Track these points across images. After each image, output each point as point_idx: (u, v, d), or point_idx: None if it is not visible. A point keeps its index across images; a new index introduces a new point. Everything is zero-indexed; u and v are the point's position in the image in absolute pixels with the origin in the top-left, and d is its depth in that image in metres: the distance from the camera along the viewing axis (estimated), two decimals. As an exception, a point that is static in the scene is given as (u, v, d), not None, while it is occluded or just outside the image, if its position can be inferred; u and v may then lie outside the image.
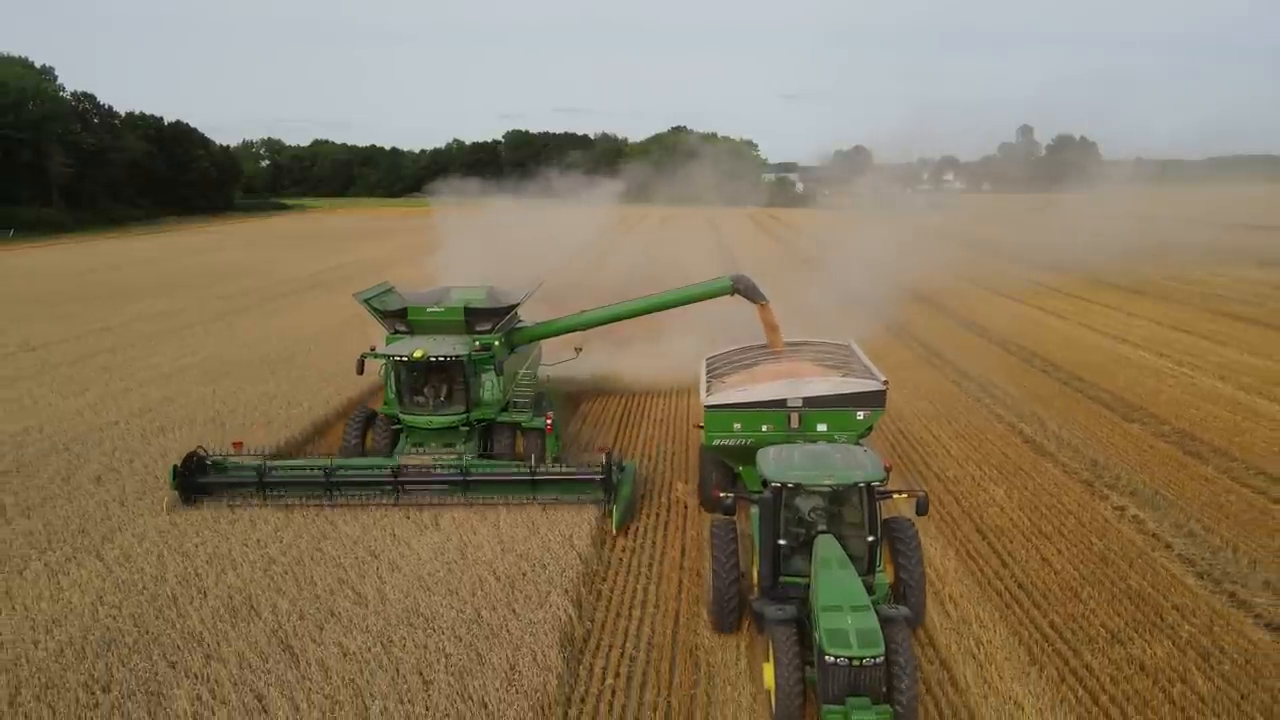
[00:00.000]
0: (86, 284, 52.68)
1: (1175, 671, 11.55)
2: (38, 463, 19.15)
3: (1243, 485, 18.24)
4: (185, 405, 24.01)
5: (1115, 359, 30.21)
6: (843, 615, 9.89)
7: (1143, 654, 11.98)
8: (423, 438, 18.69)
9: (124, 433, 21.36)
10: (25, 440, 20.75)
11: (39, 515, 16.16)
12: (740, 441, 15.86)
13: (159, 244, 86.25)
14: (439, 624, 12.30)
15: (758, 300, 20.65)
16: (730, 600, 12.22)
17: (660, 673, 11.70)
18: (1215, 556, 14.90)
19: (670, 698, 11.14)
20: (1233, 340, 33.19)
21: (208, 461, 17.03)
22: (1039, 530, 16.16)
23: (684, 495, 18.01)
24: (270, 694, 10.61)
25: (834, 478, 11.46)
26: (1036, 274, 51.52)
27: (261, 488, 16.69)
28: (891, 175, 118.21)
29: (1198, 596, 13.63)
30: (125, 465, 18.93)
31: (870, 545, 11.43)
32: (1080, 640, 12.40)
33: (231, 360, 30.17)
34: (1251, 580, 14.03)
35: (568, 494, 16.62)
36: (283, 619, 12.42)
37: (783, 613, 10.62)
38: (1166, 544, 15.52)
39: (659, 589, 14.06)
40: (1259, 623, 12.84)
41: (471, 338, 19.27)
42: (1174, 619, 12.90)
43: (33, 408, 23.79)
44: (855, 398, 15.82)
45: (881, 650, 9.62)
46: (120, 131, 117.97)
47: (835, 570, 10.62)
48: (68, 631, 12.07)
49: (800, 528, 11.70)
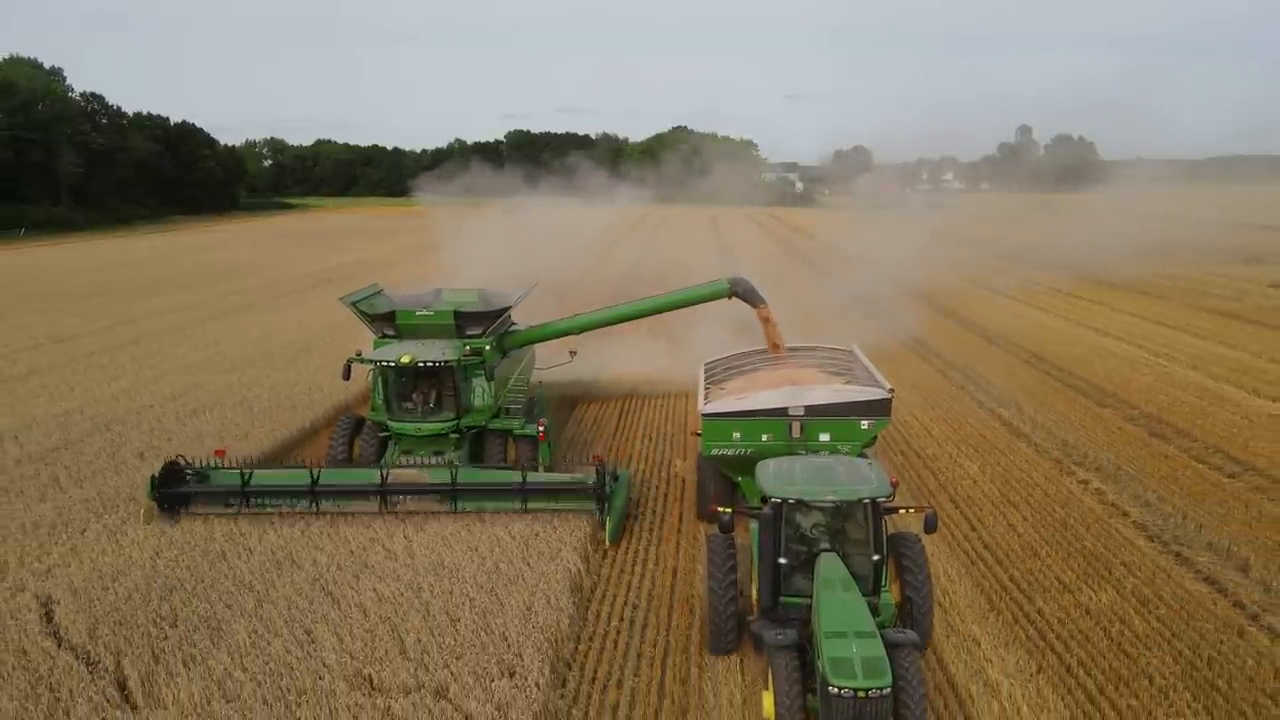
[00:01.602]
0: (102, 281, 54.14)
1: (1116, 614, 13.03)
2: (83, 441, 20.65)
3: (1200, 462, 19.69)
4: (213, 391, 25.49)
5: (1097, 351, 31.62)
6: (847, 643, 9.32)
7: (1089, 601, 13.46)
8: (411, 445, 18.05)
9: (159, 415, 22.86)
10: (69, 421, 22.25)
11: (91, 485, 17.65)
12: (739, 451, 15.35)
13: (168, 242, 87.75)
14: (462, 574, 13.79)
15: (756, 303, 20.17)
16: (727, 621, 11.62)
17: (659, 618, 13.16)
18: (1166, 522, 16.36)
19: (669, 636, 12.59)
20: (1210, 333, 34.61)
21: (188, 472, 16.45)
22: (1007, 500, 17.64)
23: (683, 471, 19.42)
24: (317, 629, 12.10)
25: (837, 493, 10.85)
26: (1032, 273, 52.48)
27: (244, 498, 16.10)
28: (891, 175, 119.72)
29: (1145, 555, 15.10)
30: (164, 443, 20.41)
31: (875, 564, 10.89)
32: (1035, 590, 13.88)
33: (251, 351, 31.66)
34: (1196, 542, 15.49)
35: (560, 504, 16.16)
36: (322, 570, 13.91)
37: (783, 638, 10.00)
38: (1124, 512, 16.98)
39: (659, 555, 15.52)
40: (1198, 577, 14.30)
41: (461, 342, 18.65)
42: (1121, 573, 14.38)
43: (70, 393, 25.27)
44: (859, 406, 15.30)
45: (889, 681, 9.01)
46: (128, 131, 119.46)
47: (839, 592, 10.07)
48: (133, 579, 13.58)
49: (801, 545, 11.15)
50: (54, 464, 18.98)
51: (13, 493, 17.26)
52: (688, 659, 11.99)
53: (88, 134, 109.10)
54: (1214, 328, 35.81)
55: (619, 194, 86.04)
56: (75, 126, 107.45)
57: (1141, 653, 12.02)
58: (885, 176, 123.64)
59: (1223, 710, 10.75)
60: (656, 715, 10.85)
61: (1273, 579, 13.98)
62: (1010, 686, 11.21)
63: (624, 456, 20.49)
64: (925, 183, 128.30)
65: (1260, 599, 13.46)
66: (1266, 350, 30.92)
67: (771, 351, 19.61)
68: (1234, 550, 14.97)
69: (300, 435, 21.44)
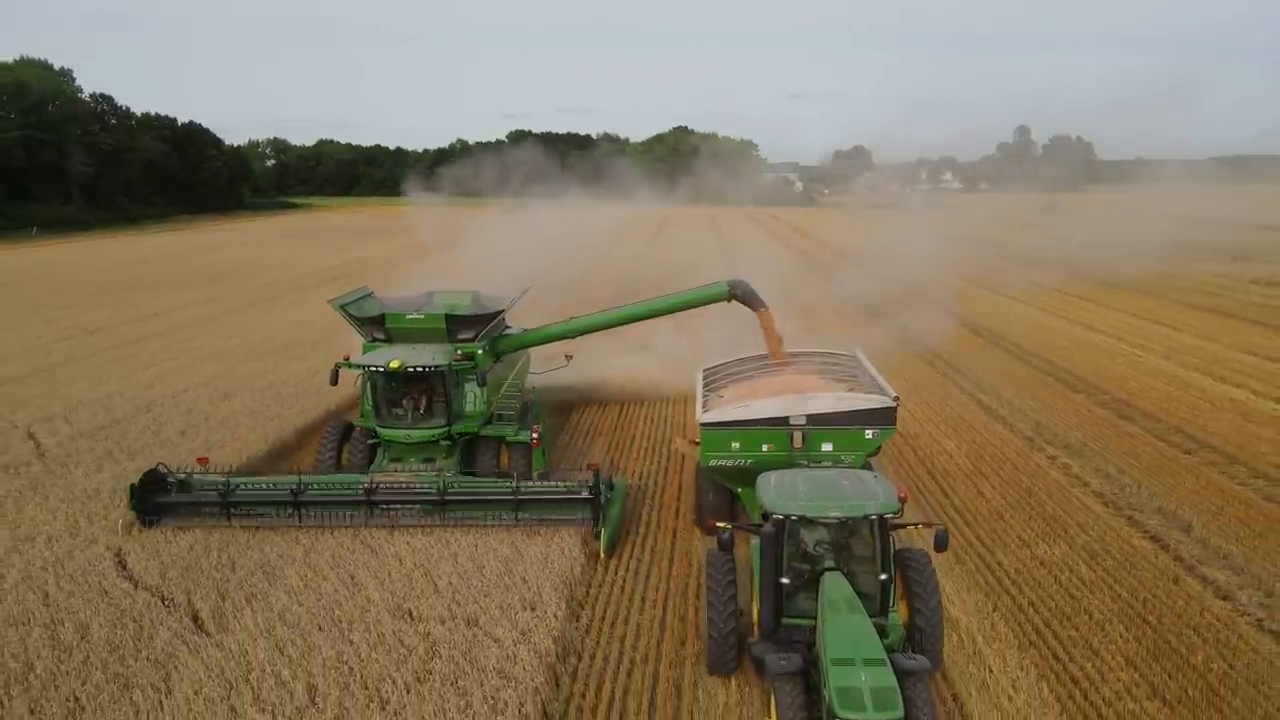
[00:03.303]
0: (118, 278, 55.77)
1: (1066, 564, 14.67)
2: (128, 420, 22.31)
3: (1161, 440, 21.30)
4: (241, 377, 27.14)
5: (1078, 343, 33.21)
6: (856, 671, 8.86)
7: (1044, 554, 15.10)
8: (401, 453, 17.61)
9: (194, 398, 24.52)
10: (111, 404, 23.91)
11: (142, 458, 19.27)
12: (739, 462, 14.84)
13: (177, 241, 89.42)
14: (486, 530, 15.42)
15: (756, 307, 19.36)
16: (728, 642, 11.16)
17: (662, 570, 14.79)
18: (1122, 491, 17.98)
19: (670, 582, 14.21)
20: (1188, 327, 36.21)
21: (170, 480, 16.05)
22: (979, 471, 19.27)
23: (682, 447, 20.98)
24: (360, 574, 13.76)
25: (843, 509, 10.35)
26: (1029, 272, 53.60)
27: (225, 507, 15.71)
28: (890, 175, 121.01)
29: (1099, 517, 16.73)
30: (202, 422, 22.08)
31: (883, 584, 10.40)
32: (997, 545, 15.52)
33: (272, 342, 33.31)
34: (1147, 507, 17.09)
35: (553, 514, 15.71)
36: (359, 529, 15.53)
37: (787, 663, 9.57)
38: (1085, 483, 18.60)
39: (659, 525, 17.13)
40: (1144, 535, 15.93)
41: (453, 346, 18.16)
42: (1075, 531, 16.02)
43: (107, 379, 26.92)
44: (863, 415, 14.72)
45: (900, 713, 8.56)
46: (136, 132, 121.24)
47: (845, 615, 9.59)
48: (192, 535, 15.25)
49: (805, 564, 10.69)
50: (105, 440, 20.63)
51: (71, 464, 18.91)
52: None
53: (97, 134, 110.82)
54: (1193, 321, 37.40)
55: (620, 194, 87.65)
56: (85, 127, 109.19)
57: (1085, 594, 13.66)
58: (884, 176, 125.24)
59: (1150, 640, 12.37)
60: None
61: (1211, 537, 15.58)
62: (968, 622, 12.83)
63: (620, 464, 20.00)
64: (924, 182, 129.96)
65: (1198, 553, 15.06)
66: (1238, 342, 32.55)
67: (772, 357, 18.84)
68: (1180, 514, 16.57)
69: (328, 416, 23.03)
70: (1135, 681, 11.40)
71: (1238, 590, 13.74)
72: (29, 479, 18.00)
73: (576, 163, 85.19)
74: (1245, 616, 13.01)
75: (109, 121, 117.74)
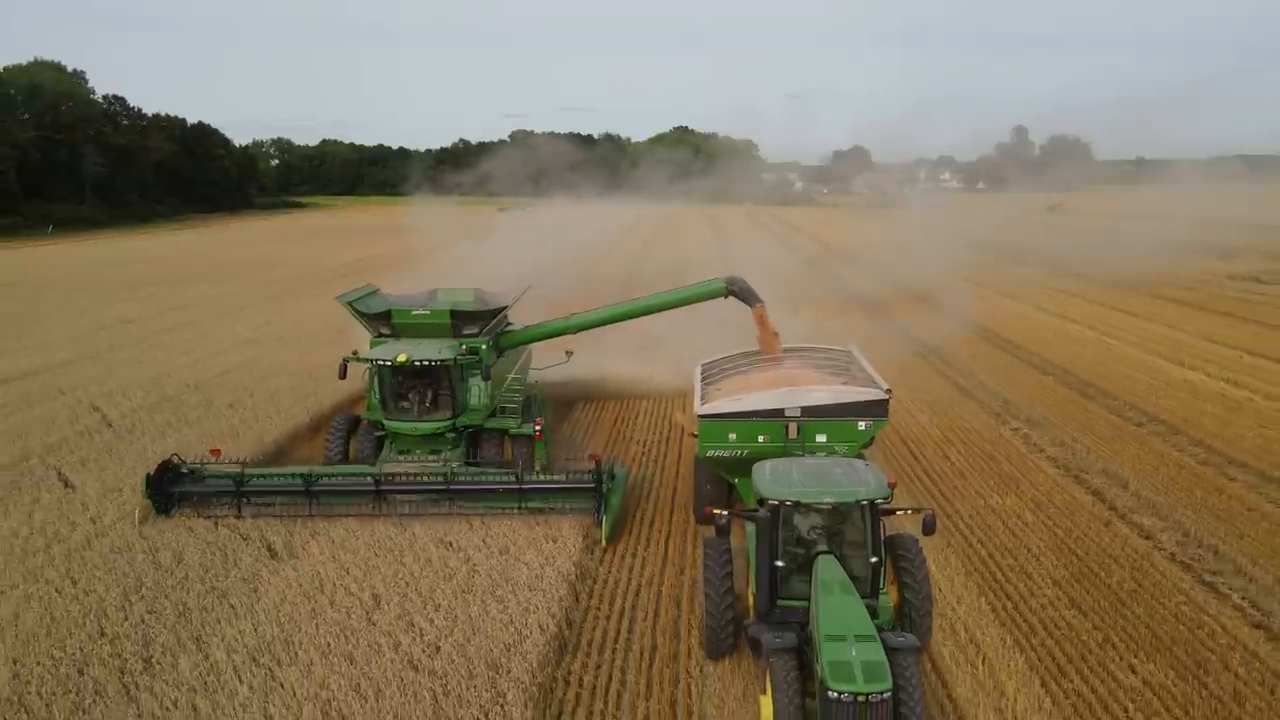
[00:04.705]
0: (140, 273, 58.12)
1: (1014, 512, 16.94)
2: (179, 397, 24.66)
3: (1116, 415, 23.53)
4: (276, 361, 29.44)
5: (1055, 332, 35.40)
6: (846, 646, 9.34)
7: (996, 504, 17.37)
8: (408, 445, 18.11)
9: (236, 378, 26.86)
10: (161, 383, 26.23)
11: (199, 427, 21.63)
12: (735, 453, 15.24)
13: (191, 239, 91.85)
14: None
15: (753, 303, 19.94)
16: (724, 625, 11.61)
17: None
18: (1074, 456, 20.22)
19: (669, 540, 16.43)
20: (1159, 317, 38.44)
21: (183, 470, 16.68)
22: (947, 440, 21.54)
23: (682, 421, 23.14)
24: (404, 519, 16.01)
25: (835, 495, 10.80)
26: (1017, 270, 55.19)
27: (239, 497, 16.27)
28: (889, 175, 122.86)
29: (1049, 476, 18.99)
30: (247, 398, 24.40)
31: (874, 566, 10.85)
32: (955, 497, 17.79)
33: (298, 330, 35.59)
34: (1093, 469, 19.32)
35: (556, 503, 16.26)
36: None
37: (781, 640, 10.01)
38: (1041, 449, 20.84)
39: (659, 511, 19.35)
40: (1086, 490, 18.16)
41: (458, 341, 18.72)
42: (1025, 487, 18.29)
43: (152, 363, 29.24)
44: (856, 407, 15.22)
45: (889, 685, 9.03)
46: (148, 132, 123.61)
47: (837, 594, 10.08)
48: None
49: (799, 548, 11.14)
50: (162, 413, 22.96)
51: (138, 431, 21.25)
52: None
53: (109, 135, 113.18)
54: (1165, 313, 39.60)
55: (620, 194, 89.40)
56: (98, 128, 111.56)
57: (1026, 534, 15.94)
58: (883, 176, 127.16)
59: (1076, 567, 14.63)
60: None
61: (1144, 491, 17.83)
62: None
63: (621, 454, 20.47)
64: (923, 182, 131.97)
65: (1131, 504, 17.29)
66: (1204, 331, 34.78)
67: (768, 351, 19.45)
68: (1120, 474, 18.83)
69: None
70: (1059, 596, 13.67)
71: (1159, 532, 15.98)
72: (104, 443, 20.39)
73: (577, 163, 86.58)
74: (1160, 551, 15.26)
75: (121, 122, 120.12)
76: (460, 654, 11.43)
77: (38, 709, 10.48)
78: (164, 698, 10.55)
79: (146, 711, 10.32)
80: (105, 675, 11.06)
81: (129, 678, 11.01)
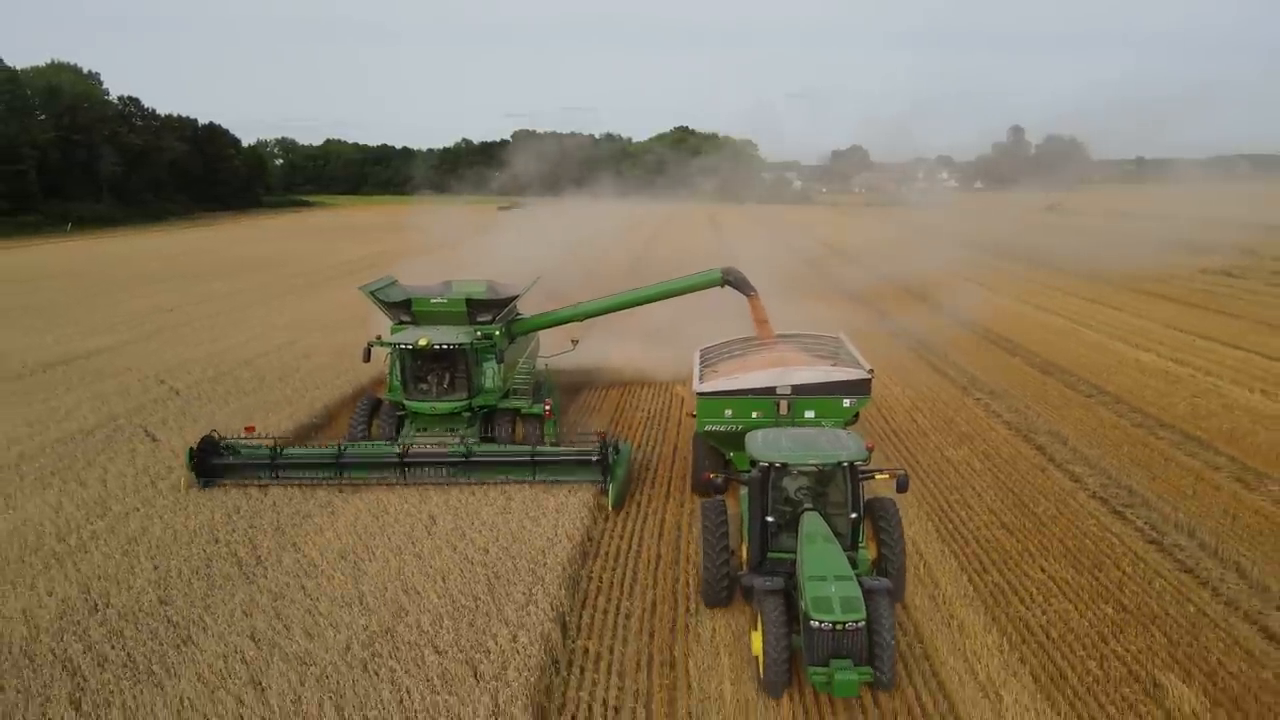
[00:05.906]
0: (164, 268, 60.97)
1: (965, 461, 19.83)
2: (232, 372, 27.57)
3: (1070, 389, 26.36)
4: (312, 343, 32.31)
5: (1030, 321, 38.02)
6: (827, 584, 10.61)
7: (950, 455, 20.24)
8: (426, 423, 19.44)
9: (279, 357, 29.78)
10: (212, 361, 29.17)
11: (256, 395, 24.58)
12: (731, 427, 16.59)
13: (205, 236, 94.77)
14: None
15: (748, 292, 21.54)
16: (721, 578, 12.68)
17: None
18: (1025, 419, 23.07)
19: (666, 515, 19.24)
20: (1129, 307, 41.14)
21: (222, 445, 17.99)
22: (915, 407, 24.43)
23: (682, 391, 25.98)
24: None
25: (819, 458, 12.00)
26: (1003, 264, 57.76)
27: (274, 469, 17.57)
28: (888, 174, 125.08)
29: (1001, 435, 21.85)
30: (293, 373, 27.31)
31: (853, 522, 12.06)
32: (917, 450, 20.67)
33: (324, 318, 38.37)
34: (1041, 430, 22.13)
35: (565, 475, 17.54)
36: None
37: (771, 583, 11.19)
38: (998, 415, 23.70)
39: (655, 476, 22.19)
40: (1030, 445, 21.02)
41: (473, 328, 20.08)
42: (978, 442, 21.17)
43: (198, 345, 32.14)
44: (842, 385, 16.84)
45: (863, 616, 10.34)
46: (161, 132, 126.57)
47: (820, 543, 11.27)
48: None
49: (787, 506, 12.32)
50: (219, 385, 25.89)
51: (204, 399, 24.22)
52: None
53: (125, 135, 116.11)
54: (1135, 304, 42.26)
55: (620, 194, 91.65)
56: (113, 128, 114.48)
57: (972, 477, 18.83)
58: (882, 176, 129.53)
59: (1010, 500, 17.49)
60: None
61: (1081, 446, 20.66)
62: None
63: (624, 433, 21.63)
64: (921, 181, 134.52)
65: (1067, 456, 20.10)
66: (1167, 319, 37.50)
67: (761, 336, 21.10)
68: (1061, 432, 21.70)
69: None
70: (992, 521, 16.55)
71: (1086, 476, 18.83)
72: (176, 408, 23.35)
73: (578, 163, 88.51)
74: (1085, 489, 18.12)
75: (135, 123, 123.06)
76: (506, 554, 14.32)
77: (178, 589, 13.36)
78: (276, 581, 13.46)
79: (265, 589, 13.23)
80: (226, 568, 13.97)
81: (246, 568, 13.94)
